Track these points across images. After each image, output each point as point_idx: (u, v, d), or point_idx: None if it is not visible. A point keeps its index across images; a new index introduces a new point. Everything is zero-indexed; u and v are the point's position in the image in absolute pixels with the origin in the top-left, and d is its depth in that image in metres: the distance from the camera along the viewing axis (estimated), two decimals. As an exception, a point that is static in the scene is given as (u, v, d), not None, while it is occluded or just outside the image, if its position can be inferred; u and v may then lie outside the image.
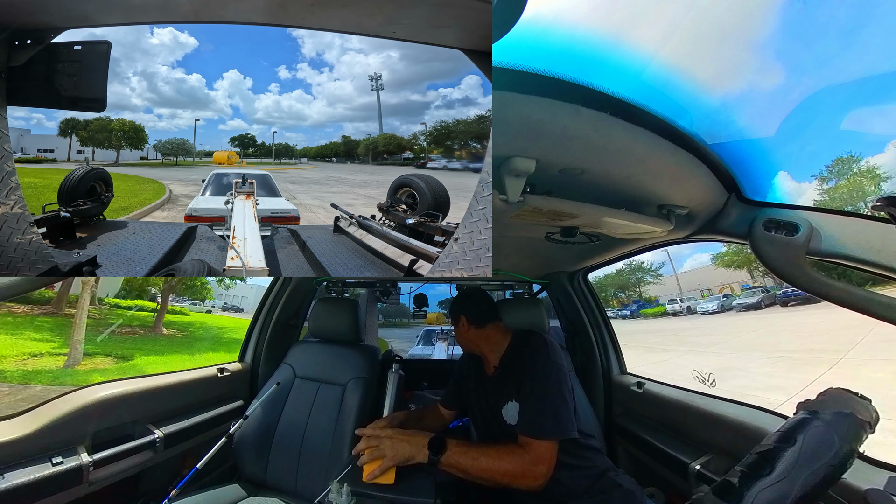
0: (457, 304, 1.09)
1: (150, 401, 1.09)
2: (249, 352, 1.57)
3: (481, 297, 1.08)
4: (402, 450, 0.80)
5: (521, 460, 0.78)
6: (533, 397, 0.84)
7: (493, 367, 0.99)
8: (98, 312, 9.50)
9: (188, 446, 1.16)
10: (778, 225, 0.72)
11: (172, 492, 0.87)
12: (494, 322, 1.03)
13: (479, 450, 0.81)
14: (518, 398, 0.88)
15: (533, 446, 0.79)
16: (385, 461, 0.79)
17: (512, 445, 0.81)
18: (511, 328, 1.04)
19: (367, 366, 1.35)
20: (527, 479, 0.77)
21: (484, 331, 1.02)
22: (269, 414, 1.25)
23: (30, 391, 4.76)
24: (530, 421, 0.82)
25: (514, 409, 0.88)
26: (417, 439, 0.81)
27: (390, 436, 0.83)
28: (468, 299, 1.08)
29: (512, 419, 0.89)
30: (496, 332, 1.01)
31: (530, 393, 0.85)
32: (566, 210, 0.77)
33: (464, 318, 1.03)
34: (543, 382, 0.85)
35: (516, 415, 0.87)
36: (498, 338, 1.00)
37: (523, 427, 0.82)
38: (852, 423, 0.49)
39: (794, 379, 5.50)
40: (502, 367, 0.96)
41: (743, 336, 9.75)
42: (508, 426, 0.89)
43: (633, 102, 0.54)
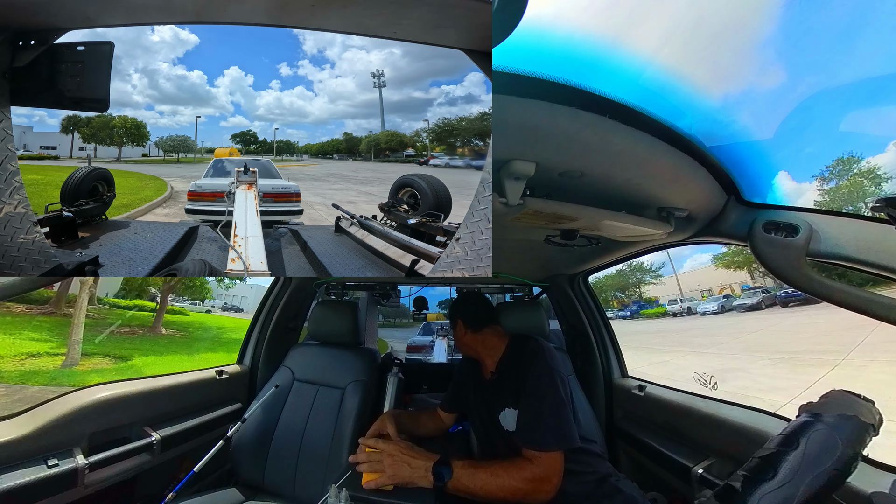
0: (454, 307, 1.09)
1: (148, 403, 1.09)
2: (248, 354, 1.56)
3: (478, 301, 1.08)
4: (404, 472, 0.78)
5: (531, 475, 0.76)
6: (533, 408, 0.82)
7: (490, 372, 0.98)
8: (97, 312, 9.49)
9: (185, 449, 1.15)
10: (777, 226, 0.71)
11: (169, 495, 0.87)
12: (491, 326, 1.02)
13: (487, 470, 0.78)
14: (516, 406, 0.86)
15: (540, 459, 0.77)
16: (383, 478, 0.77)
17: (519, 461, 0.79)
18: (508, 332, 1.03)
19: (367, 369, 1.35)
20: (538, 495, 0.76)
21: (480, 335, 1.01)
22: (267, 417, 1.25)
23: (27, 392, 4.75)
24: (534, 433, 0.80)
25: (511, 416, 0.87)
26: (420, 462, 0.79)
27: (392, 453, 0.81)
28: (465, 303, 1.08)
29: (509, 425, 0.88)
30: (493, 337, 1.01)
31: (530, 403, 0.83)
32: (566, 213, 0.77)
33: (461, 321, 1.03)
34: (542, 391, 0.83)
35: (513, 422, 0.86)
36: (495, 342, 0.99)
37: (527, 440, 0.80)
38: (856, 426, 0.48)
39: (795, 380, 5.48)
40: (499, 373, 0.96)
41: (743, 337, 9.72)
42: (506, 432, 0.88)
43: (632, 105, 0.54)
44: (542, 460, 0.77)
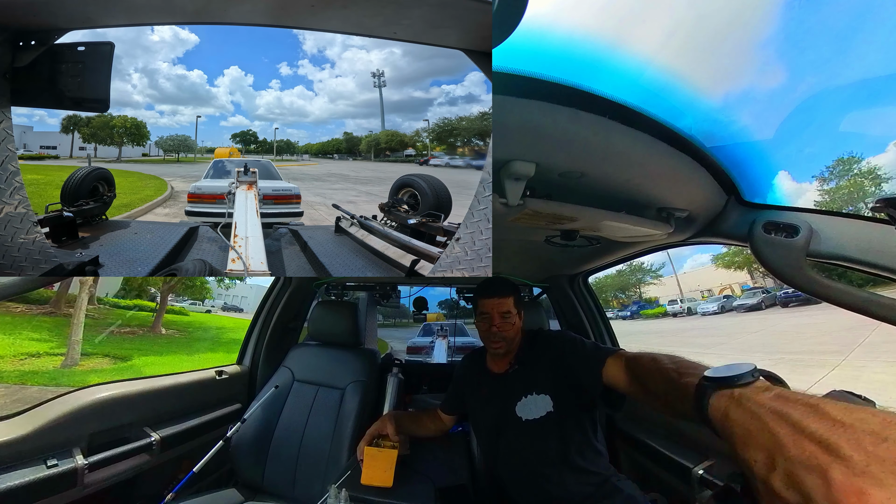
0: (515, 291, 1.02)
1: (147, 403, 1.09)
2: (248, 354, 1.56)
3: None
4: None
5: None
6: (581, 346, 0.87)
7: (506, 365, 0.99)
8: (97, 312, 9.49)
9: (185, 450, 1.15)
10: (778, 227, 0.72)
11: (168, 496, 0.87)
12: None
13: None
14: (541, 391, 0.90)
15: (620, 353, 0.76)
16: (382, 476, 0.76)
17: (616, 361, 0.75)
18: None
19: (367, 369, 1.34)
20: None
21: (520, 323, 1.01)
22: (267, 417, 1.25)
23: (26, 392, 4.74)
24: (601, 348, 0.82)
25: (532, 403, 0.90)
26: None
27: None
28: (520, 291, 1.06)
29: (528, 414, 0.89)
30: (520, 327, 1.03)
31: (575, 348, 0.87)
32: (566, 213, 0.78)
33: (518, 306, 0.99)
34: (577, 337, 0.91)
35: (533, 409, 0.89)
36: (520, 333, 1.02)
37: (605, 353, 0.78)
38: None
39: (796, 381, 5.33)
40: (518, 363, 0.97)
41: (744, 337, 9.72)
42: (523, 422, 0.89)
43: (632, 106, 0.54)
44: (622, 354, 0.75)
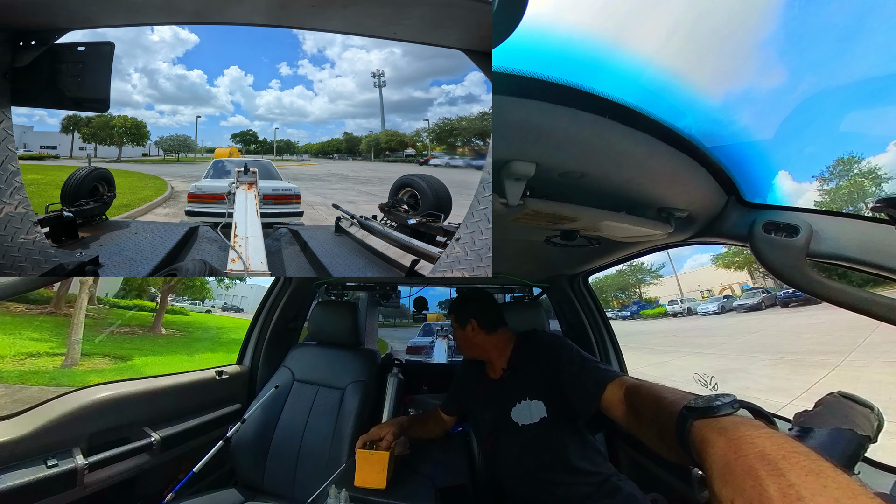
0: (468, 307, 1.04)
1: (147, 403, 1.09)
2: (248, 354, 1.56)
3: (492, 302, 1.07)
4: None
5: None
6: (578, 364, 0.84)
7: (500, 370, 0.99)
8: (97, 312, 9.49)
9: (185, 450, 1.15)
10: (778, 227, 0.71)
11: (168, 496, 0.87)
12: (504, 326, 1.04)
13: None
14: (535, 397, 0.88)
15: (621, 381, 0.73)
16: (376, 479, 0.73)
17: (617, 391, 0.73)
18: (515, 332, 1.04)
19: (367, 369, 1.35)
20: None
21: (494, 336, 1.01)
22: (267, 417, 1.25)
23: (26, 392, 4.75)
24: (600, 371, 0.78)
25: (526, 409, 0.89)
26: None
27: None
28: (478, 303, 1.05)
29: (523, 419, 0.89)
30: (504, 337, 1.02)
31: (571, 363, 0.84)
32: (566, 213, 0.78)
33: (475, 321, 1.01)
34: (573, 349, 0.88)
35: (528, 414, 0.88)
36: (505, 342, 1.01)
37: (604, 378, 0.75)
38: (851, 440, 0.48)
39: (796, 381, 5.47)
40: (511, 369, 0.97)
41: (744, 337, 9.72)
42: (520, 427, 0.89)
43: (632, 106, 0.54)
44: (621, 381, 0.73)
